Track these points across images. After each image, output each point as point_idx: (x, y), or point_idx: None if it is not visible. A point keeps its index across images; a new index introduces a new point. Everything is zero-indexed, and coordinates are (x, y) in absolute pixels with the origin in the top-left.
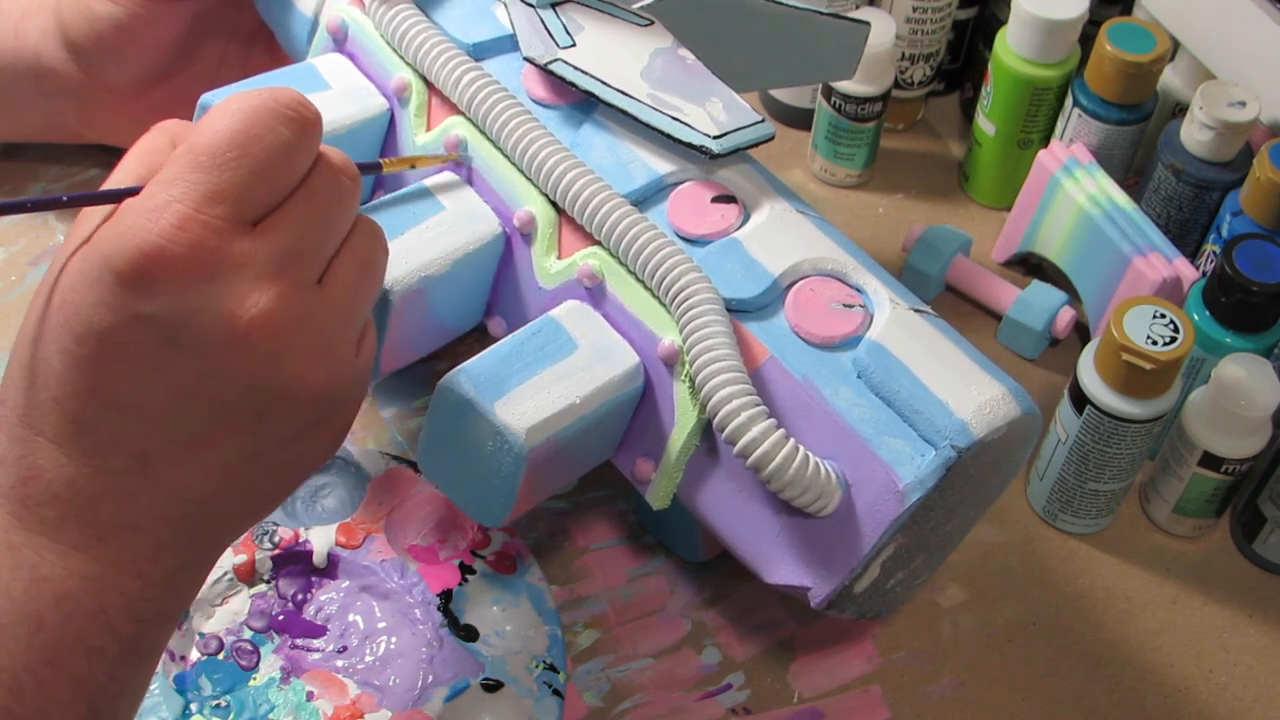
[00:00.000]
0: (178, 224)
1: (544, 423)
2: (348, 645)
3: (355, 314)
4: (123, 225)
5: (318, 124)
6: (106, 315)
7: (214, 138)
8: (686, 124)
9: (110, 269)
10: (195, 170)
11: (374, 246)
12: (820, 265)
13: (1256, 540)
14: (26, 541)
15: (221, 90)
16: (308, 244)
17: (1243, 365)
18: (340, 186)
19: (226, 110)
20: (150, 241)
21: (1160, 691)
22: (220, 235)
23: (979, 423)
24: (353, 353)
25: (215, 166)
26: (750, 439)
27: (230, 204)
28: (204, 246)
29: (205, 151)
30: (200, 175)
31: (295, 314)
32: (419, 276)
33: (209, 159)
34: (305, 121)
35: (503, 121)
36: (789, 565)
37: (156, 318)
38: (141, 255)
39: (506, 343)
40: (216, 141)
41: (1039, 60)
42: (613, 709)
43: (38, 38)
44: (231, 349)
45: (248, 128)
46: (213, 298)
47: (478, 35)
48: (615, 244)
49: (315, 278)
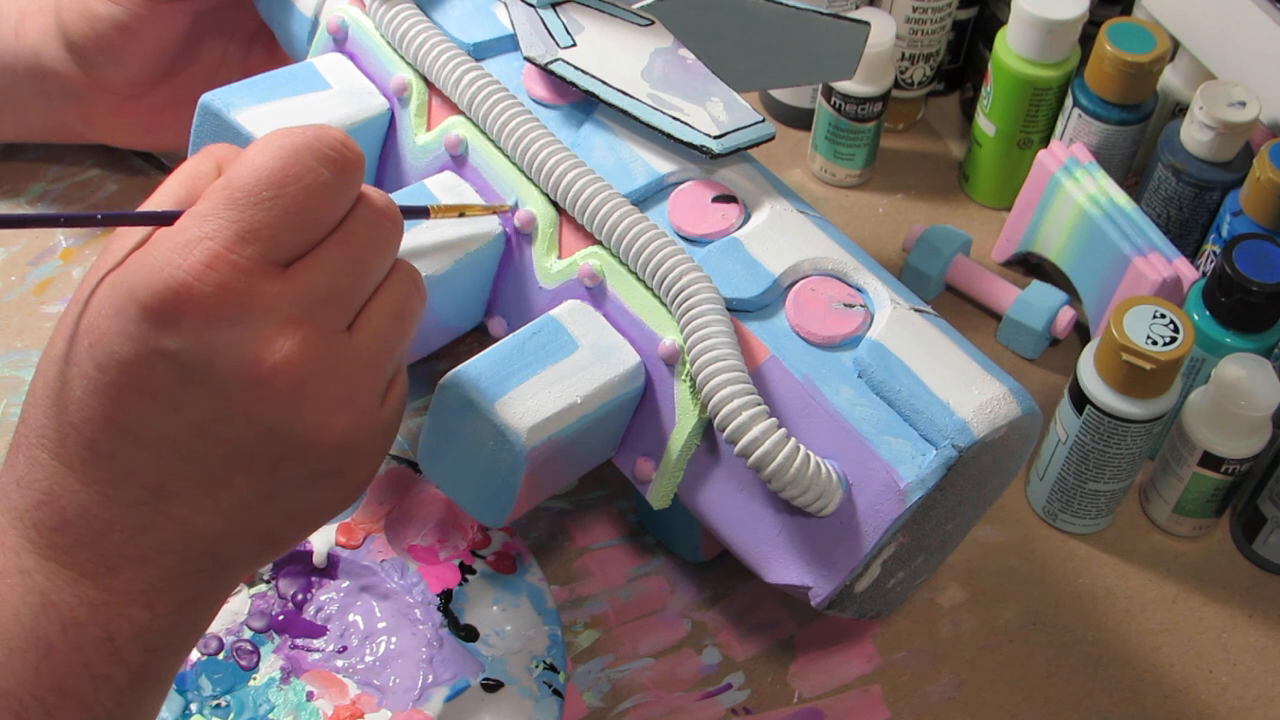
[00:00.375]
0: (207, 262)
1: (545, 422)
2: (348, 645)
3: (384, 364)
4: (152, 257)
5: (360, 165)
6: (128, 346)
7: (251, 174)
8: (687, 124)
9: (136, 301)
10: (230, 207)
11: (410, 294)
12: (821, 265)
13: (1256, 540)
14: (38, 566)
15: (223, 90)
16: (339, 289)
17: (1243, 365)
18: (379, 231)
19: (267, 147)
20: (178, 278)
21: (1160, 691)
22: (249, 276)
23: (980, 422)
24: (377, 404)
25: (250, 205)
26: (751, 438)
27: (262, 244)
28: (231, 287)
29: (241, 188)
30: (234, 213)
31: (319, 362)
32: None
33: (244, 196)
34: (346, 162)
35: (503, 121)
36: (790, 565)
37: (178, 355)
38: (168, 290)
39: (507, 342)
40: (254, 179)
41: (1039, 60)
42: (613, 709)
43: (38, 38)
44: (251, 393)
45: (286, 167)
46: (236, 339)
47: (478, 35)
48: (616, 244)
49: (345, 324)
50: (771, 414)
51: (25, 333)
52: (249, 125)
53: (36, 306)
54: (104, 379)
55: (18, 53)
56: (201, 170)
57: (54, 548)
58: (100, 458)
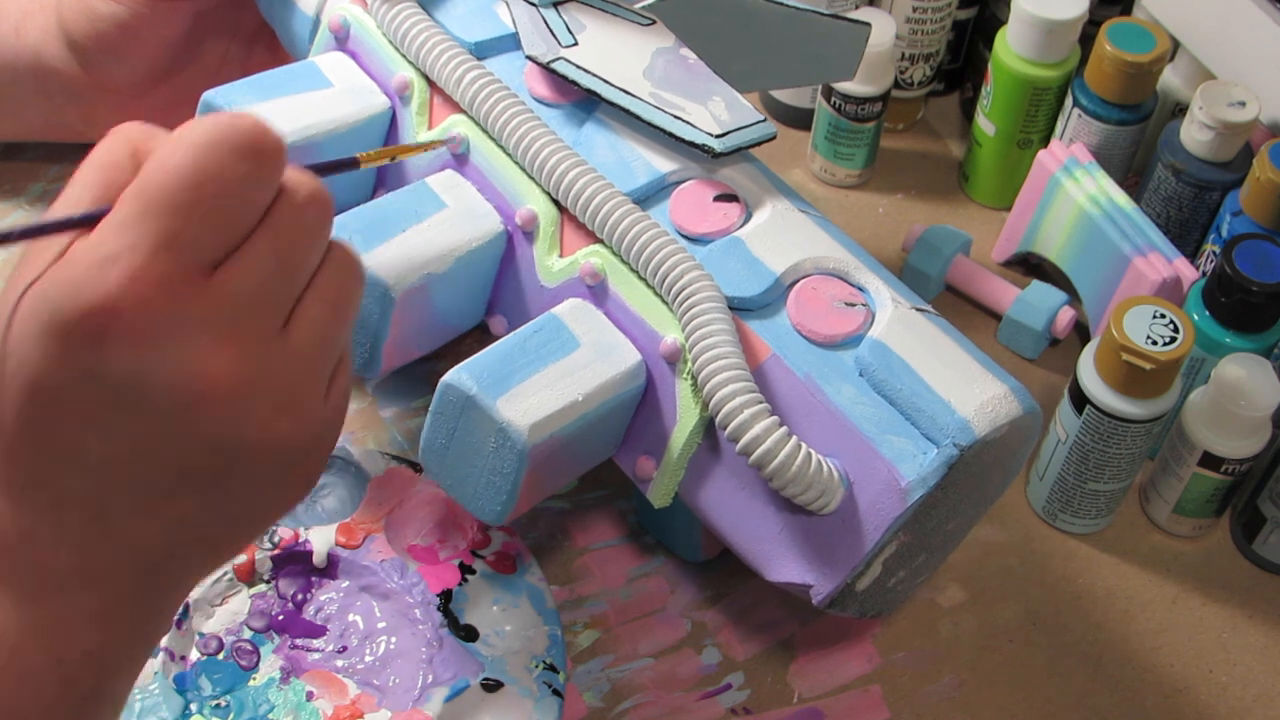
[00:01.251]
0: (128, 278)
1: (546, 420)
2: (347, 645)
3: (324, 359)
4: (72, 274)
5: (279, 153)
6: (55, 370)
7: (165, 177)
8: (689, 123)
9: (59, 322)
10: (146, 215)
11: (346, 281)
12: (822, 264)
13: (1256, 540)
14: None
15: (224, 88)
16: (269, 290)
17: (1243, 365)
18: (307, 220)
19: (179, 145)
20: (100, 297)
21: (1160, 691)
22: (174, 289)
23: (981, 421)
24: (320, 400)
25: (167, 211)
26: (753, 436)
27: (184, 252)
28: (156, 303)
29: (156, 194)
30: (151, 222)
31: (256, 370)
32: (421, 274)
33: (160, 203)
34: (263, 152)
35: (505, 119)
36: (791, 563)
37: (108, 377)
38: (91, 311)
39: (508, 340)
40: (168, 182)
41: (1039, 60)
42: (612, 709)
43: (39, 37)
44: (188, 410)
45: (201, 165)
46: (167, 356)
47: (480, 34)
48: (618, 242)
49: (279, 324)
50: (773, 412)
51: None
52: None
53: None
54: (32, 404)
55: (19, 52)
56: (116, 159)
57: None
58: (37, 484)
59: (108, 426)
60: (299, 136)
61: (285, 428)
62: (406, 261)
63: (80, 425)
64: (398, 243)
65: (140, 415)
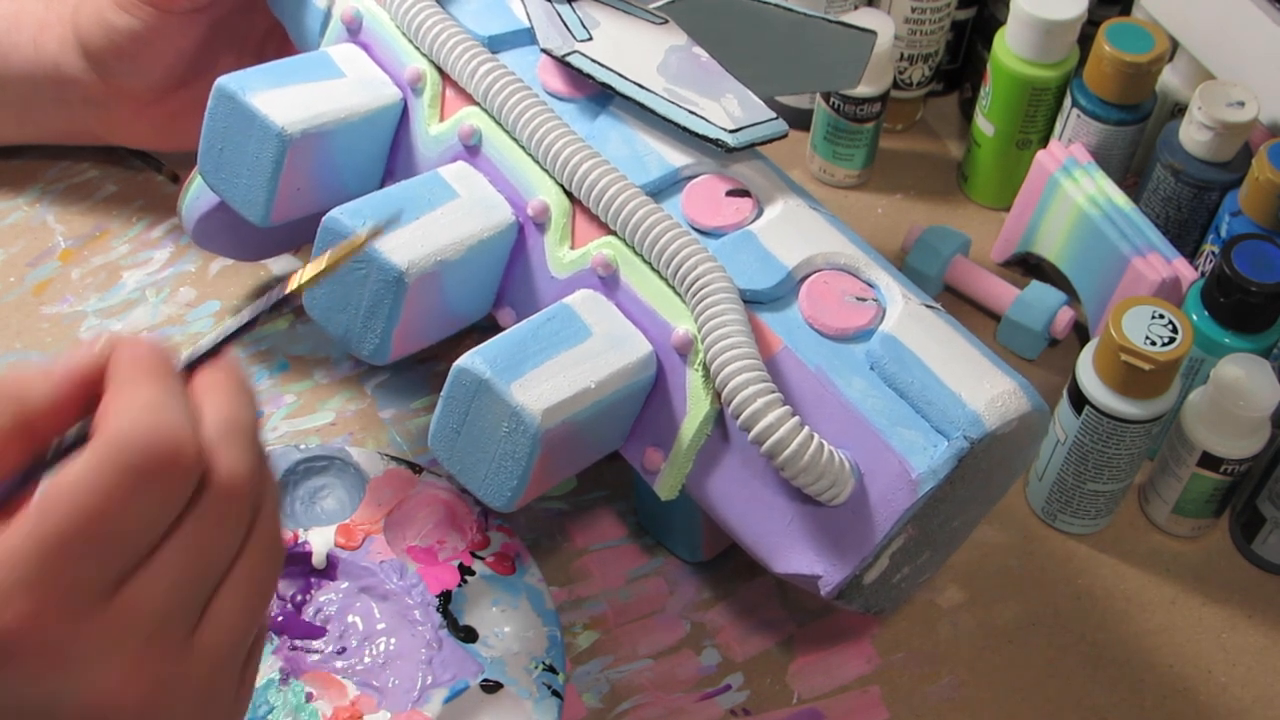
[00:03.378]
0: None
1: (559, 405)
2: (347, 646)
3: (239, 654)
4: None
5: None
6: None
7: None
8: (702, 117)
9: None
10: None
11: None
12: (833, 259)
13: (1255, 540)
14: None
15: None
16: (179, 598)
17: (1242, 365)
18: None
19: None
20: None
21: (1160, 691)
22: (74, 621)
23: (991, 415)
24: (232, 697)
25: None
26: (766, 424)
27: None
28: (58, 632)
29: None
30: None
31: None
32: (434, 260)
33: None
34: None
35: (519, 112)
36: (800, 554)
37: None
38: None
39: (521, 328)
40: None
41: (1038, 60)
42: (612, 710)
43: (57, 48)
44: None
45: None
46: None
47: (493, 28)
48: (630, 233)
49: (190, 628)
50: (785, 402)
51: (24, 333)
52: (264, 108)
53: (35, 307)
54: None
55: (37, 63)
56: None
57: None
58: None
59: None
60: (311, 125)
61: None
62: (421, 248)
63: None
64: (411, 229)
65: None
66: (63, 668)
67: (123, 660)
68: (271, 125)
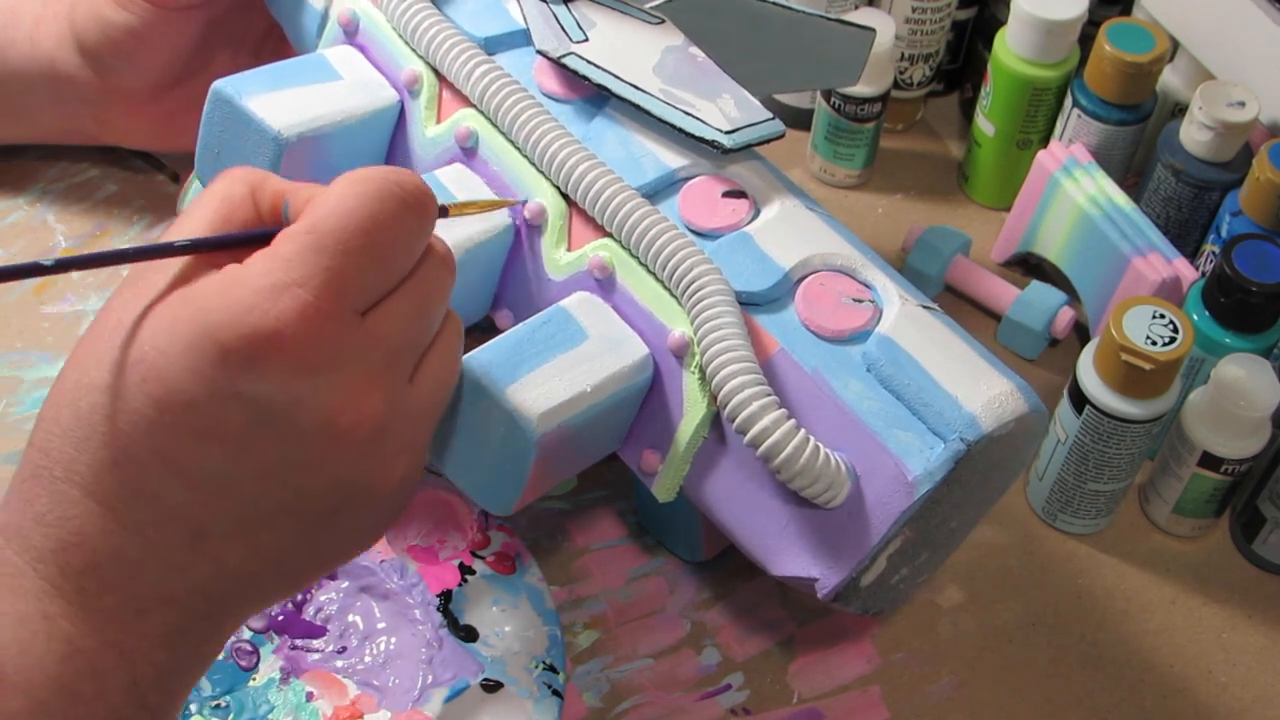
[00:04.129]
0: (298, 310)
1: (556, 409)
2: (347, 645)
3: (438, 413)
4: (233, 298)
5: (435, 210)
6: (200, 387)
7: (340, 220)
8: (699, 119)
9: (216, 341)
10: (318, 254)
11: (459, 344)
12: (830, 260)
13: (1256, 540)
14: (63, 611)
15: (235, 78)
16: (410, 339)
17: (1242, 365)
18: (445, 281)
19: (351, 191)
20: (267, 323)
21: (1160, 691)
22: (337, 325)
23: (988, 417)
24: (428, 450)
25: (340, 252)
26: (762, 428)
27: (350, 293)
28: (321, 337)
29: (330, 234)
30: (324, 260)
31: (393, 413)
32: None
33: (334, 243)
34: (426, 210)
35: (515, 114)
36: (797, 556)
37: (256, 400)
38: (255, 335)
39: (517, 331)
40: (343, 225)
41: (1038, 60)
42: (612, 709)
43: (53, 44)
44: (327, 443)
45: (376, 213)
46: (320, 389)
47: (490, 29)
48: (626, 236)
49: (409, 373)
50: (781, 405)
51: (25, 333)
52: (260, 111)
53: (36, 307)
54: (163, 418)
55: (33, 59)
56: (235, 195)
57: (81, 591)
58: (143, 498)
59: (240, 449)
60: (308, 128)
61: (400, 472)
62: None
63: (212, 445)
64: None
65: (278, 442)
66: (317, 370)
67: (368, 379)
68: (267, 128)
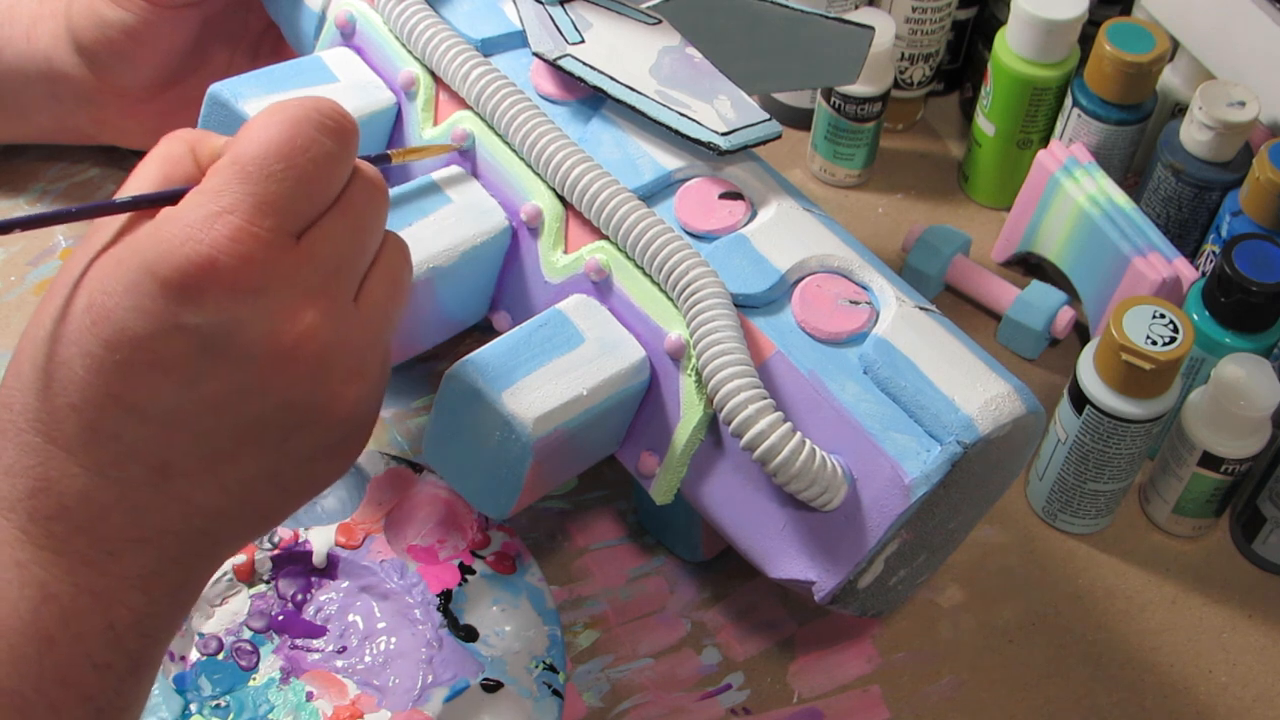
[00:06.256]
0: (230, 235)
1: (551, 413)
2: (347, 645)
3: (385, 335)
4: (167, 233)
5: (356, 134)
6: (145, 322)
7: (260, 148)
8: (695, 120)
9: (154, 276)
10: (244, 181)
11: (403, 264)
12: (827, 262)
13: (1256, 540)
14: (34, 558)
15: (231, 81)
16: (347, 260)
17: (1242, 365)
18: (375, 200)
19: (270, 120)
20: (201, 252)
21: (1160, 691)
22: (270, 248)
23: (985, 419)
24: (380, 375)
25: (263, 177)
26: (758, 431)
27: (279, 216)
28: (255, 259)
29: (252, 161)
30: (250, 186)
31: (337, 333)
32: (427, 268)
33: (257, 170)
34: (345, 132)
35: (511, 116)
36: (794, 559)
37: (199, 329)
38: (191, 265)
39: (513, 334)
40: (263, 152)
41: (1038, 60)
42: (612, 709)
43: (49, 43)
44: (273, 365)
45: (292, 138)
46: (259, 312)
47: (486, 31)
48: (623, 238)
49: (353, 295)
50: (778, 408)
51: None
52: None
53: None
54: (113, 357)
55: (29, 57)
56: (175, 154)
57: (51, 536)
58: (103, 438)
59: (190, 380)
60: None
61: (353, 395)
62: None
63: (161, 378)
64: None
65: (225, 369)
66: (255, 293)
67: (306, 299)
68: None
